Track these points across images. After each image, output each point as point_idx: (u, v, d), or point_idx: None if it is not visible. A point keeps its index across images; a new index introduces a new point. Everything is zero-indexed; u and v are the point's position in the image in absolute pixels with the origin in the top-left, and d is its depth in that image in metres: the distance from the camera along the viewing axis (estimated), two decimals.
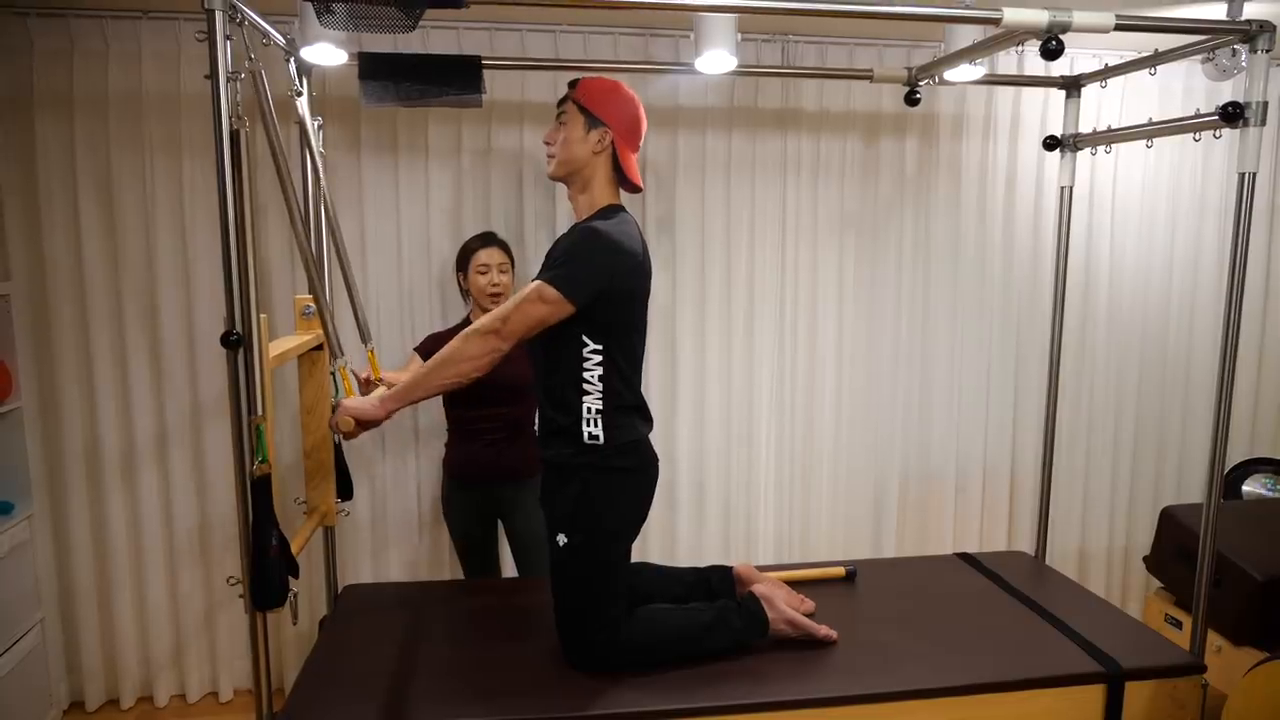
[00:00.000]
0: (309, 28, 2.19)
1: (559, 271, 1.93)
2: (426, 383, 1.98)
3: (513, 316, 1.93)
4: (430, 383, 1.97)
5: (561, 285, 1.92)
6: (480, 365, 1.96)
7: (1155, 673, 2.15)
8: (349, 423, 1.98)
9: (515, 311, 1.93)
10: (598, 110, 2.06)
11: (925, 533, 3.50)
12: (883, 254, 3.34)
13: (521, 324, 1.93)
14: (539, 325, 1.95)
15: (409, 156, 3.02)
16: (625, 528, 2.15)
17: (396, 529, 3.18)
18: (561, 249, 1.99)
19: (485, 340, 1.94)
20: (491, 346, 1.94)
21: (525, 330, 1.94)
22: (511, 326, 1.93)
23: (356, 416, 1.98)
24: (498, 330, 1.93)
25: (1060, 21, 1.90)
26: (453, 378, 1.96)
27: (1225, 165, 3.48)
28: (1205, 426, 3.63)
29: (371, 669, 2.12)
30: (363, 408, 1.99)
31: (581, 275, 1.93)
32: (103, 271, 2.90)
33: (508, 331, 1.93)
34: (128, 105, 2.83)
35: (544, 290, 1.92)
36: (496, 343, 1.94)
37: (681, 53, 3.06)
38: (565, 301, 1.92)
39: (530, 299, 1.93)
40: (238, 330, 1.76)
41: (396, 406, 2.01)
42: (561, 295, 1.92)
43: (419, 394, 2.00)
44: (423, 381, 1.98)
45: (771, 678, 2.09)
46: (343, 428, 1.98)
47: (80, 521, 2.97)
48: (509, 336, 1.94)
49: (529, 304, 1.93)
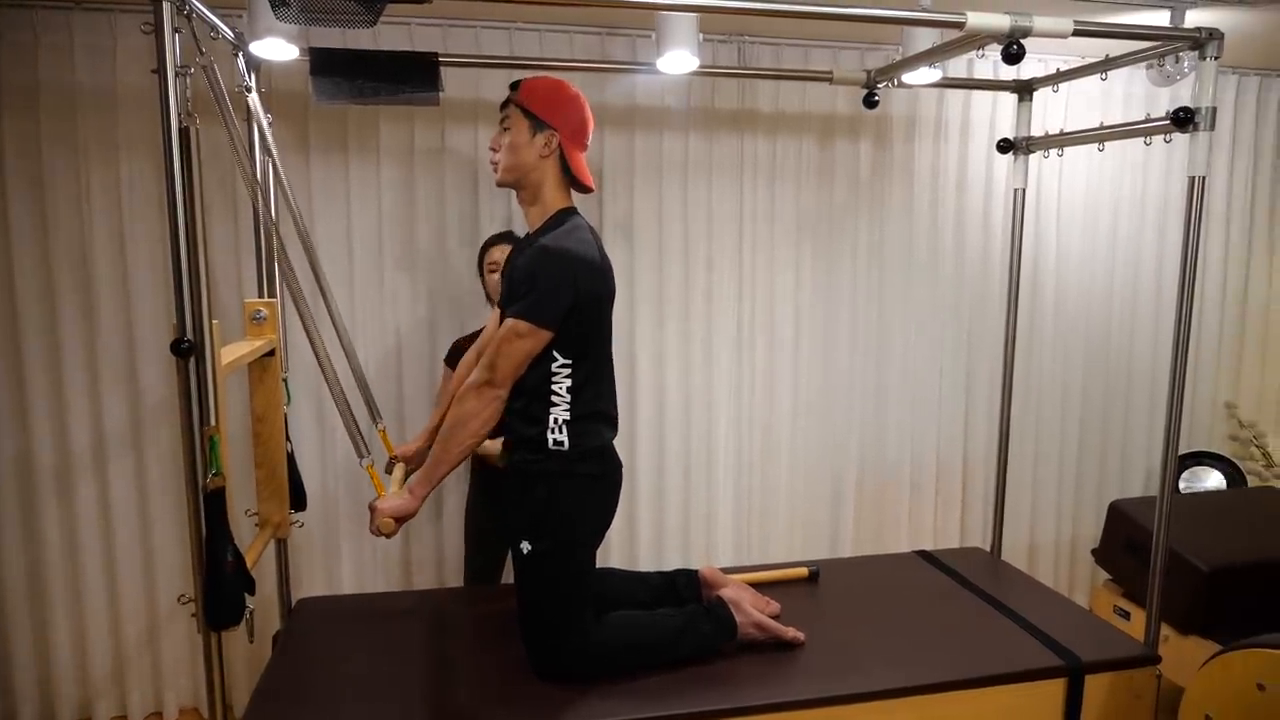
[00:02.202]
0: (258, 21, 2.10)
1: (526, 302, 1.92)
2: (447, 456, 1.96)
3: (498, 362, 1.93)
4: (450, 454, 1.96)
5: (533, 315, 1.91)
6: (488, 419, 1.95)
7: (1112, 665, 2.20)
8: (390, 524, 1.93)
9: (499, 356, 1.92)
10: (542, 112, 2.02)
11: (881, 529, 3.54)
12: (838, 255, 3.36)
13: (510, 364, 1.93)
14: (527, 359, 1.95)
15: (360, 157, 2.94)
16: (590, 533, 2.13)
17: (348, 538, 3.09)
18: (521, 275, 1.96)
19: (481, 394, 1.94)
20: (490, 397, 1.94)
21: (516, 368, 1.94)
22: (502, 371, 1.93)
23: (396, 516, 1.93)
24: (490, 380, 1.93)
25: (1021, 26, 1.92)
26: (469, 439, 1.95)
27: (1165, 167, 3.59)
28: (1146, 422, 3.74)
29: (330, 685, 2.05)
30: (400, 506, 1.94)
31: (548, 299, 1.92)
32: (34, 274, 2.76)
33: (500, 378, 1.93)
34: (59, 100, 2.70)
35: (518, 326, 1.91)
36: (493, 392, 1.94)
37: (639, 52, 3.03)
38: (541, 330, 1.92)
39: (508, 339, 1.92)
40: (189, 337, 1.68)
41: (427, 491, 1.99)
42: (535, 325, 1.91)
43: (444, 469, 1.97)
44: (443, 456, 1.96)
45: (741, 682, 2.08)
46: (385, 530, 1.93)
47: (11, 535, 2.82)
48: (503, 382, 1.94)
49: (508, 344, 1.92)
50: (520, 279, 1.96)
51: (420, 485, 1.97)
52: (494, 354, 1.93)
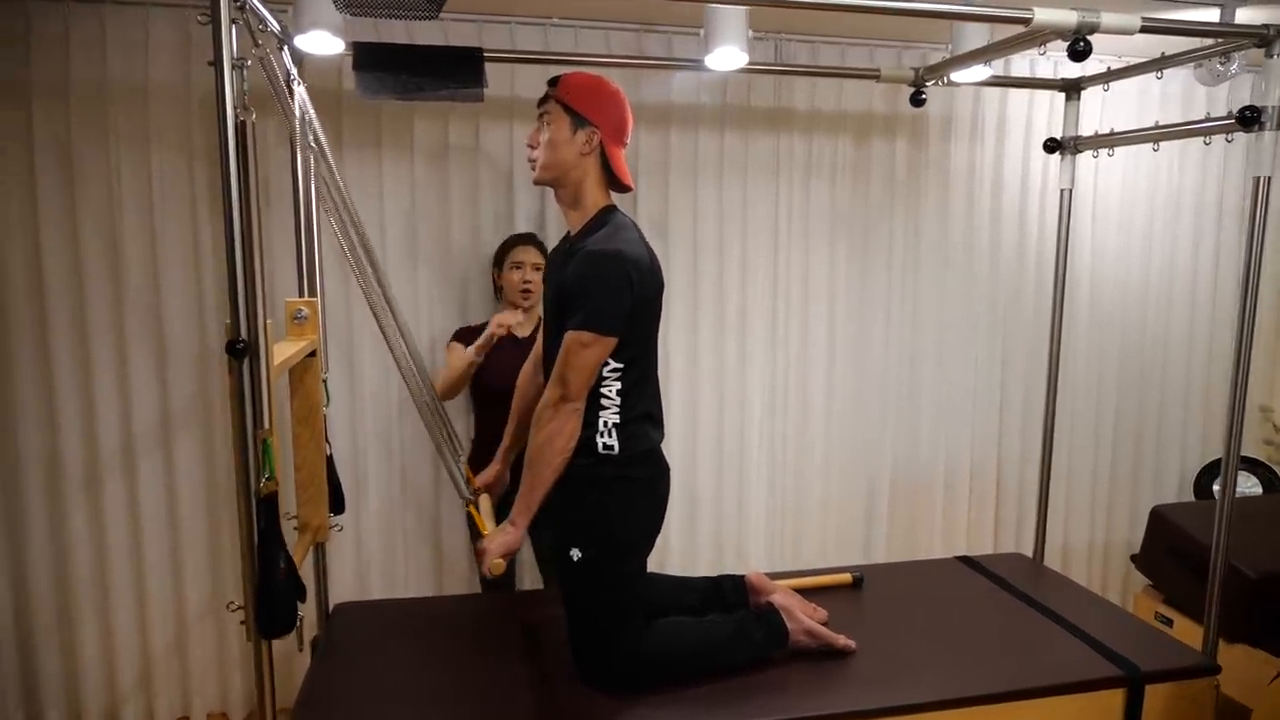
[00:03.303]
0: (303, 15, 2.06)
1: (586, 311, 1.88)
2: (539, 481, 1.93)
3: (569, 376, 1.89)
4: (543, 477, 1.93)
5: (595, 324, 1.88)
6: (571, 433, 1.92)
7: (1172, 675, 2.15)
8: (501, 565, 1.96)
9: (568, 370, 1.89)
10: (583, 109, 1.97)
11: (914, 532, 3.50)
12: (873, 254, 3.32)
13: (581, 377, 1.90)
14: (597, 367, 1.92)
15: (393, 153, 2.89)
16: (642, 539, 2.09)
17: (375, 539, 3.05)
18: (574, 284, 1.91)
19: (559, 410, 1.91)
20: (568, 412, 1.91)
21: (587, 378, 1.91)
22: (575, 385, 1.90)
23: (505, 554, 1.96)
24: (564, 395, 1.90)
25: (1089, 23, 1.88)
26: (558, 457, 1.92)
27: (1202, 166, 3.54)
28: (1179, 425, 3.70)
29: (373, 692, 2.01)
30: (506, 543, 1.97)
31: (609, 306, 1.88)
32: (63, 274, 2.71)
33: (574, 391, 1.90)
34: (90, 95, 2.65)
35: (581, 336, 1.87)
36: (570, 406, 1.91)
37: (675, 48, 2.99)
38: (607, 337, 1.89)
39: (574, 351, 1.88)
40: (244, 338, 1.63)
41: (528, 520, 1.97)
42: (600, 334, 1.88)
43: (539, 493, 1.94)
44: (535, 482, 1.93)
45: (793, 691, 2.04)
46: (496, 572, 1.96)
47: (39, 536, 2.78)
48: (578, 394, 1.91)
49: (575, 356, 1.88)
50: (575, 288, 1.90)
51: (521, 516, 1.96)
52: (562, 368, 1.89)
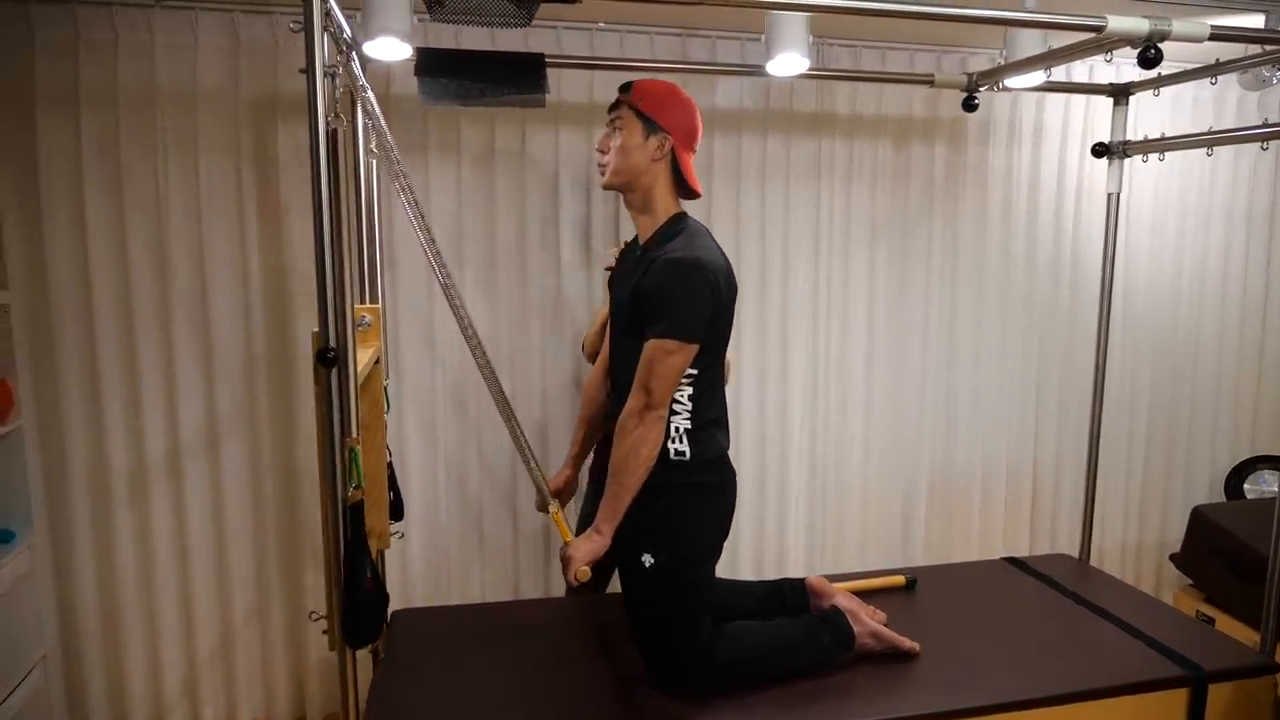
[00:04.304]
0: (372, 21, 2.05)
1: (670, 320, 1.88)
2: (625, 489, 1.94)
3: (653, 384, 1.89)
4: (629, 485, 1.93)
5: (678, 333, 1.88)
6: (656, 440, 1.93)
7: (1234, 674, 2.18)
8: (587, 573, 1.95)
9: (652, 379, 1.89)
10: (656, 115, 1.99)
11: (950, 537, 3.51)
12: (912, 258, 3.34)
13: (665, 385, 1.90)
14: (679, 375, 1.92)
15: (440, 156, 2.89)
16: (712, 544, 2.09)
17: (426, 549, 3.04)
18: (655, 293, 1.91)
19: (644, 418, 1.91)
20: (653, 420, 1.91)
21: (671, 386, 1.92)
22: (659, 392, 1.90)
23: (591, 561, 1.96)
24: (648, 404, 1.90)
25: (1160, 30, 1.89)
26: (643, 465, 1.93)
27: (1234, 168, 3.57)
28: (1210, 425, 3.73)
29: (440, 701, 2.01)
30: (592, 550, 1.96)
31: (692, 314, 1.89)
32: (111, 279, 2.69)
33: (658, 399, 1.90)
34: (139, 101, 2.64)
35: (666, 344, 1.88)
36: (654, 414, 1.91)
37: (720, 53, 3.00)
38: (690, 345, 1.89)
39: (658, 359, 1.88)
40: (334, 346, 1.63)
41: (613, 526, 1.97)
42: (684, 342, 1.88)
43: (625, 501, 1.95)
44: (620, 491, 1.94)
45: (859, 694, 2.05)
46: (581, 579, 1.95)
47: (84, 544, 2.76)
48: (662, 402, 1.91)
49: (660, 364, 1.88)
50: (657, 296, 1.90)
51: (606, 523, 1.96)
52: (645, 376, 1.90)
